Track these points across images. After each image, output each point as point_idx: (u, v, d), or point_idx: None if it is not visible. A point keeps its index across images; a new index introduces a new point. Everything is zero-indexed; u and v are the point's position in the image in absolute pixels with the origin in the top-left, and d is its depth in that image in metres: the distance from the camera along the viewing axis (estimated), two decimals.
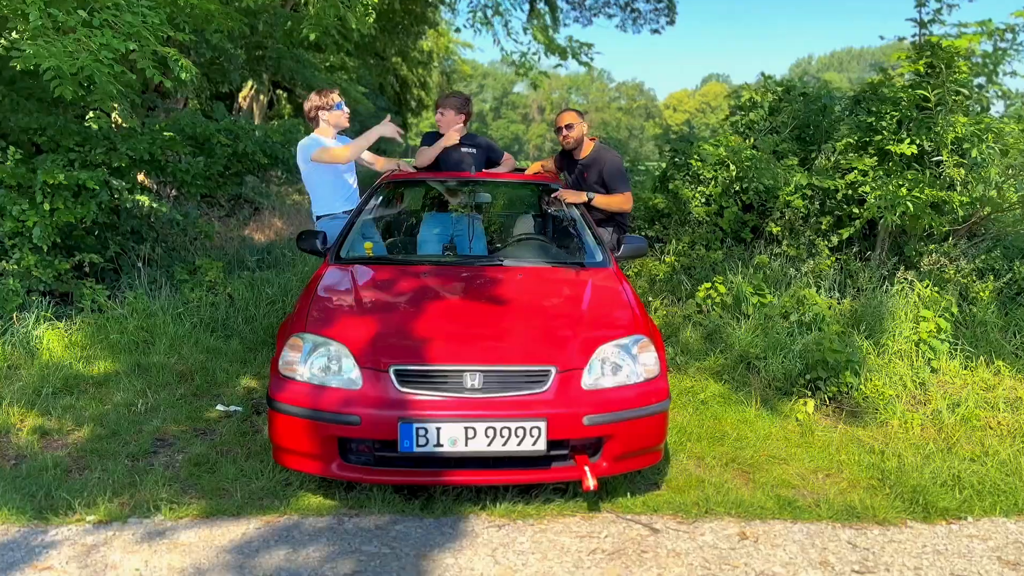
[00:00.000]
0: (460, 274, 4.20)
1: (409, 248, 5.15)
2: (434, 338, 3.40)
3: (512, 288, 3.99)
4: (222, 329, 6.33)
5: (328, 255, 4.45)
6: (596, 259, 4.53)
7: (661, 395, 3.45)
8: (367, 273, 4.22)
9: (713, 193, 7.52)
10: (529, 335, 3.48)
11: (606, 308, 3.88)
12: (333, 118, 5.35)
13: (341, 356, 3.38)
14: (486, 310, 3.68)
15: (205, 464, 3.96)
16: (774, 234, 7.24)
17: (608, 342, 3.49)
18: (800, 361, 5.42)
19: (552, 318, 3.68)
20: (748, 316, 6.32)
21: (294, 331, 3.55)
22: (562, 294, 4.01)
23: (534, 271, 4.29)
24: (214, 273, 7.31)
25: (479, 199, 5.50)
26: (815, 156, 7.80)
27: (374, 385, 3.27)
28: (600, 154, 5.43)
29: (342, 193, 5.32)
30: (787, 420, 4.86)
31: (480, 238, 5.15)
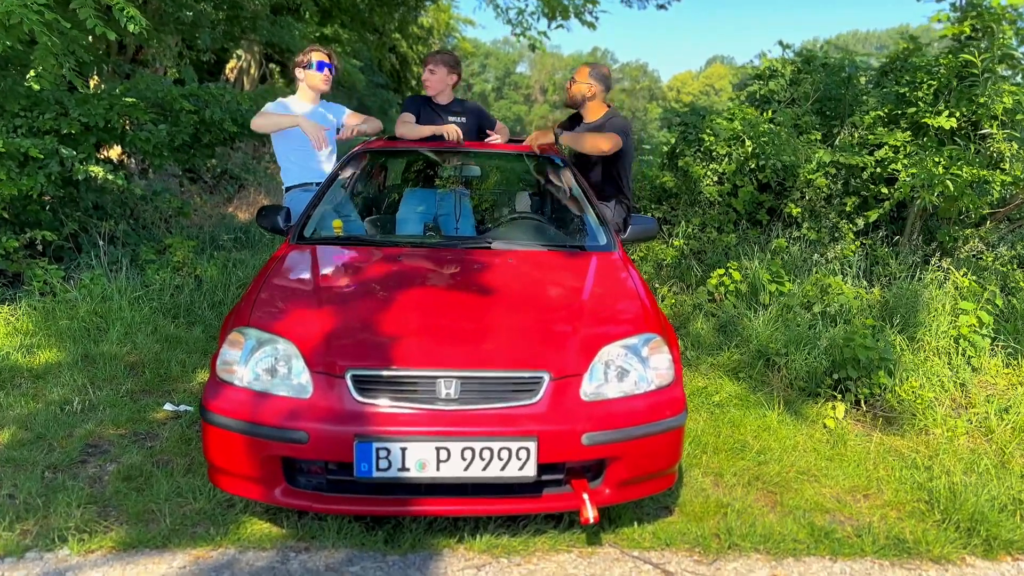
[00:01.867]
0: (442, 258, 3.59)
1: (386, 227, 4.53)
2: (403, 336, 2.79)
3: (501, 275, 3.37)
4: (185, 315, 5.74)
5: (289, 234, 3.84)
6: (599, 242, 3.91)
7: (676, 407, 2.85)
8: (332, 256, 3.61)
9: (726, 171, 6.89)
10: (518, 333, 2.87)
11: (611, 300, 3.27)
12: (309, 79, 4.74)
13: (290, 357, 2.79)
14: (468, 302, 3.07)
15: (137, 478, 3.37)
16: (793, 216, 6.62)
17: (613, 342, 2.89)
18: (826, 358, 4.83)
19: (546, 312, 3.07)
20: (765, 306, 5.72)
21: (236, 324, 2.95)
22: (559, 283, 3.40)
23: (527, 255, 3.67)
24: (183, 253, 6.72)
25: (467, 172, 4.86)
26: (837, 131, 7.17)
27: (326, 393, 2.67)
28: (608, 120, 4.79)
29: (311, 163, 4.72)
30: (814, 426, 4.27)
31: (468, 217, 4.54)
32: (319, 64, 4.71)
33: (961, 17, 5.82)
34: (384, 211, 4.78)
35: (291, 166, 4.77)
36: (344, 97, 23.87)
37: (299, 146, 4.67)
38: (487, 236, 3.95)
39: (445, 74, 4.83)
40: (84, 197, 6.60)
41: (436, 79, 4.85)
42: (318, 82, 4.77)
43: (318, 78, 4.76)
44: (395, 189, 4.96)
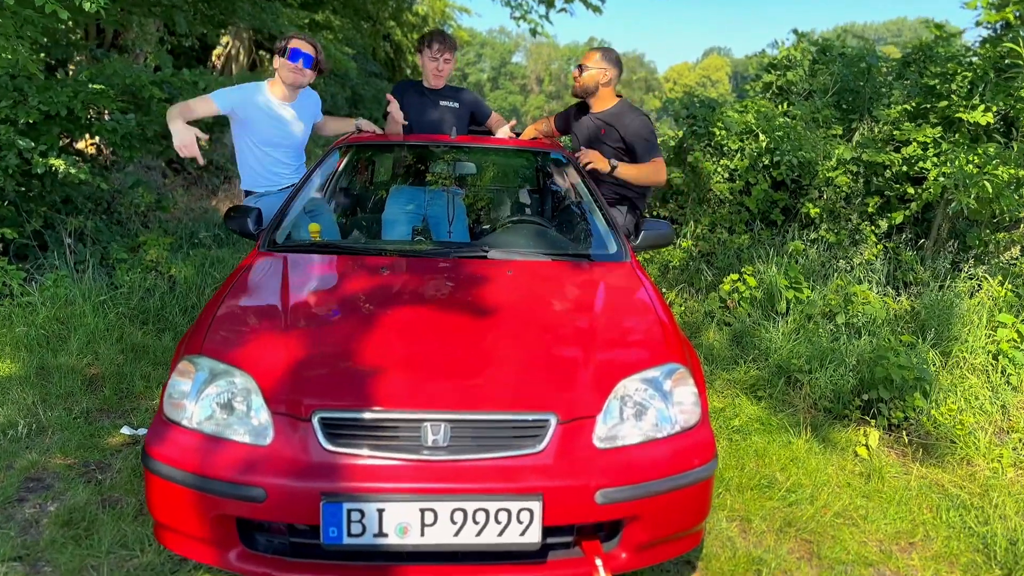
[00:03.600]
0: (431, 271, 3.12)
1: (371, 230, 4.07)
2: (383, 369, 2.35)
3: (499, 291, 2.91)
4: (155, 321, 5.29)
5: (259, 239, 3.39)
6: (609, 250, 3.46)
7: (705, 453, 2.41)
8: (306, 267, 3.14)
9: (738, 167, 6.45)
10: (519, 365, 2.42)
11: (625, 320, 2.82)
12: (282, 69, 4.14)
13: (248, 393, 2.34)
14: (460, 326, 2.62)
15: (79, 523, 2.92)
16: (811, 217, 6.18)
17: (631, 374, 2.45)
18: (853, 375, 4.41)
19: (552, 338, 2.62)
20: (782, 315, 5.29)
21: (187, 351, 2.51)
22: (566, 300, 2.94)
23: (528, 266, 3.22)
24: (157, 251, 6.27)
25: (461, 170, 4.39)
26: (856, 125, 6.73)
27: (289, 440, 2.22)
28: (625, 111, 4.28)
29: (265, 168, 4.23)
30: (844, 455, 3.85)
31: (461, 219, 4.08)
32: (293, 53, 4.06)
33: (1002, 3, 5.36)
34: (368, 212, 4.32)
35: (246, 167, 4.27)
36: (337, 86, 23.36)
37: (264, 137, 4.14)
38: (483, 243, 3.49)
39: (451, 67, 4.36)
40: (50, 191, 6.13)
41: (446, 74, 4.38)
42: (286, 73, 4.10)
43: (286, 68, 4.09)
44: (380, 187, 4.49)
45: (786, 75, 6.70)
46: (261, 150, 4.19)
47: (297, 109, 4.25)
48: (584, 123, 4.34)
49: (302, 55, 4.10)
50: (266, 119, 4.14)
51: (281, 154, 4.23)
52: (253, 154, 4.20)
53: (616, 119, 4.20)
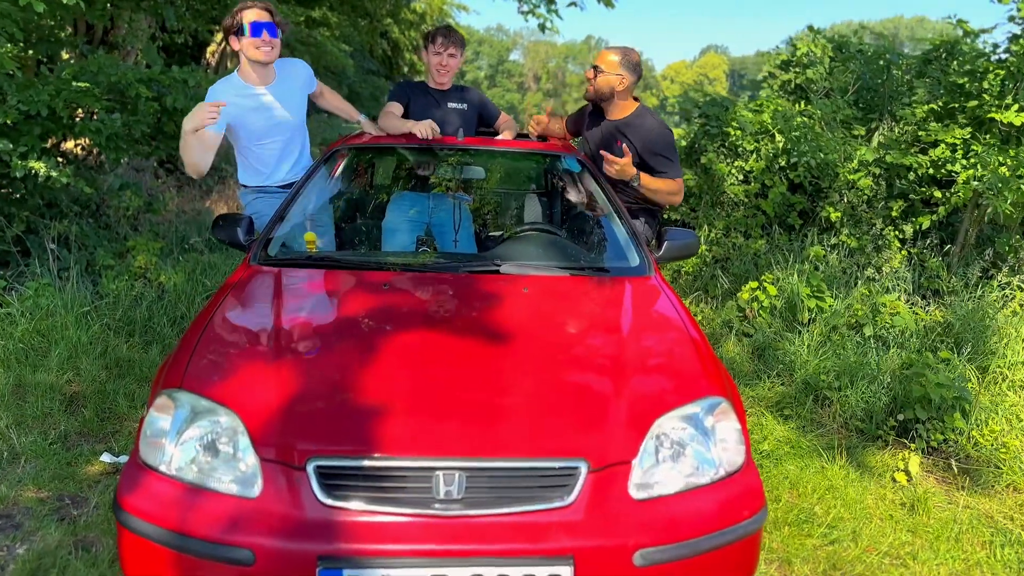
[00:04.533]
0: (438, 288, 2.83)
1: (371, 239, 3.78)
2: (387, 408, 2.05)
3: (515, 313, 2.62)
4: (141, 333, 4.99)
5: (250, 252, 3.09)
6: (631, 263, 3.16)
7: (753, 502, 2.12)
8: (301, 285, 2.85)
9: (754, 169, 6.17)
10: (543, 402, 2.13)
11: (658, 347, 2.53)
12: (246, 50, 3.51)
13: (234, 435, 2.05)
14: (474, 355, 2.32)
15: (48, 571, 2.63)
16: (831, 221, 5.89)
17: (669, 411, 2.16)
18: (885, 393, 4.13)
19: (578, 368, 2.33)
20: (805, 325, 5.02)
21: (166, 383, 2.22)
22: (590, 323, 2.65)
23: (545, 282, 2.92)
24: (145, 257, 5.97)
25: (468, 174, 4.09)
26: (875, 125, 6.45)
27: (280, 491, 1.94)
28: (643, 119, 3.92)
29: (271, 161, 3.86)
30: (882, 481, 3.57)
31: (468, 228, 3.79)
32: (254, 27, 3.42)
33: None
34: (368, 219, 4.02)
35: (245, 164, 3.87)
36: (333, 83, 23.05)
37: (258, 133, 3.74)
38: (494, 255, 3.20)
39: (458, 63, 4.03)
40: (33, 194, 5.83)
41: (452, 70, 4.02)
42: (252, 51, 3.49)
43: (251, 46, 3.47)
44: (381, 192, 4.18)
45: (806, 73, 6.41)
46: (260, 145, 3.74)
47: (281, 86, 3.75)
48: (598, 130, 4.01)
49: (264, 26, 3.48)
50: (250, 112, 3.67)
51: (282, 142, 3.80)
52: (253, 153, 3.78)
53: (634, 130, 3.86)
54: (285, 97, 3.77)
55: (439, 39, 3.93)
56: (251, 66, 3.62)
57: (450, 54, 3.95)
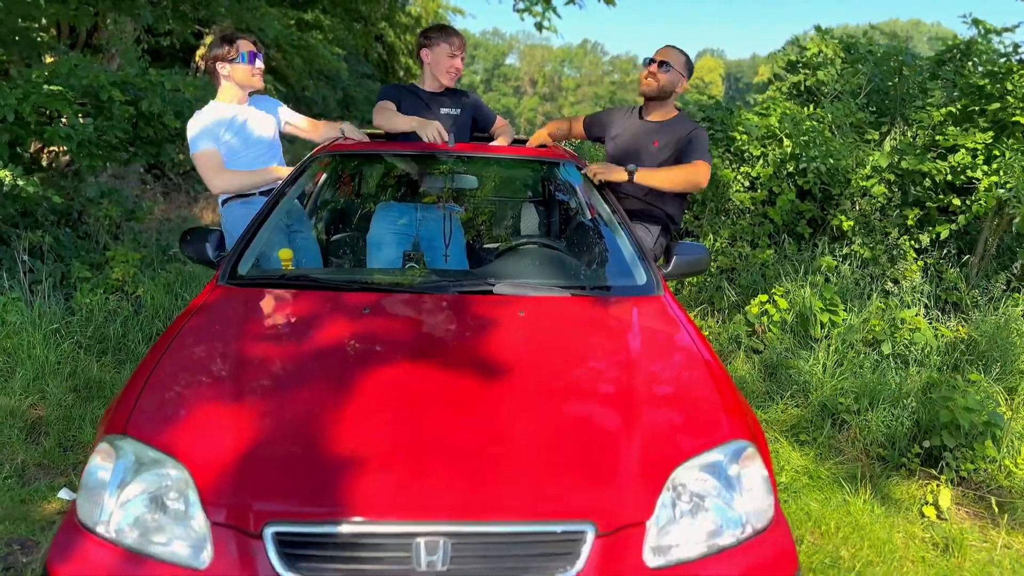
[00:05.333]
0: (424, 311, 2.54)
1: (354, 254, 3.49)
2: (361, 461, 1.77)
3: (509, 341, 2.33)
4: (114, 351, 4.71)
5: (218, 270, 2.80)
6: (637, 280, 2.87)
7: (787, 566, 1.84)
8: (271, 309, 2.55)
9: (761, 175, 5.89)
10: (542, 452, 1.84)
11: (672, 381, 2.24)
12: (237, 74, 3.65)
13: (184, 491, 1.76)
14: (463, 394, 2.03)
15: None
16: (843, 230, 5.62)
17: (687, 460, 1.88)
18: (909, 417, 3.85)
19: (582, 409, 2.04)
20: (818, 341, 4.74)
21: (109, 428, 1.93)
22: (594, 353, 2.36)
23: (543, 304, 2.62)
24: (123, 269, 5.68)
25: (461, 183, 3.79)
26: (887, 129, 6.18)
27: (232, 562, 1.64)
28: (685, 123, 3.71)
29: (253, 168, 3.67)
30: (910, 515, 3.29)
31: (459, 243, 3.50)
32: (250, 56, 3.63)
33: None
34: (351, 232, 3.73)
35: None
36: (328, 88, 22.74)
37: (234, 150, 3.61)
38: (486, 273, 2.91)
39: (447, 55, 3.74)
40: (4, 204, 5.53)
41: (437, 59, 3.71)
42: (247, 78, 3.67)
43: (246, 72, 3.66)
44: (365, 203, 3.88)
45: (816, 74, 6.13)
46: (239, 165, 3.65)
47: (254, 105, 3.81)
48: (629, 130, 3.76)
49: (256, 55, 3.68)
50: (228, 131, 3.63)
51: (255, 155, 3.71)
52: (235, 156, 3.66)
53: (672, 129, 3.64)
54: (258, 116, 3.80)
55: (455, 39, 3.66)
56: (234, 91, 3.71)
57: (462, 57, 3.70)
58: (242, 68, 3.63)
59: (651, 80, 3.67)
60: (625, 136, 3.79)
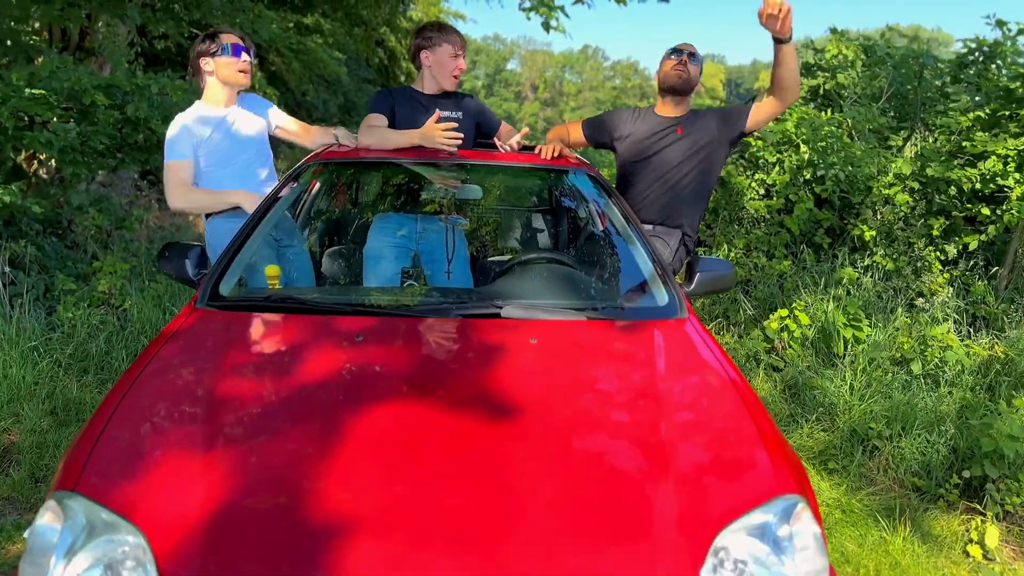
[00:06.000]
0: (425, 339, 2.28)
1: (348, 269, 3.23)
2: (348, 526, 1.50)
3: (521, 376, 2.05)
4: (97, 370, 4.45)
5: (198, 290, 2.54)
6: (658, 301, 2.60)
7: None
8: (253, 338, 2.28)
9: (777, 182, 5.64)
10: (563, 517, 1.57)
11: (707, 424, 1.97)
12: (222, 70, 3.32)
13: (141, 560, 1.50)
14: (469, 443, 1.76)
15: None
16: (864, 240, 5.36)
17: (731, 522, 1.61)
18: (945, 444, 3.59)
19: (607, 462, 1.77)
20: (841, 357, 4.48)
21: (59, 483, 1.66)
22: (616, 389, 2.09)
23: (556, 330, 2.34)
24: (109, 281, 5.43)
25: (464, 194, 3.52)
26: (906, 135, 5.92)
27: None
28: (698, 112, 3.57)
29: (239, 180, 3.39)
30: (952, 554, 3.03)
31: (462, 258, 3.23)
32: (235, 48, 3.29)
33: None
34: (345, 246, 3.47)
35: (211, 184, 3.42)
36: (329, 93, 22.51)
37: (218, 158, 3.34)
38: (493, 293, 2.65)
39: (449, 55, 3.45)
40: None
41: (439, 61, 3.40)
42: (232, 73, 3.32)
43: (232, 67, 3.31)
44: (362, 214, 3.61)
45: (836, 78, 5.87)
46: (223, 167, 3.37)
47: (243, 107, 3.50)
48: (647, 124, 3.53)
49: (243, 48, 3.35)
50: (214, 134, 3.34)
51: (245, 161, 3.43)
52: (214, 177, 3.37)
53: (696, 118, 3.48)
54: (247, 118, 3.49)
55: (457, 38, 3.38)
56: (220, 90, 3.41)
57: (465, 56, 3.43)
58: (225, 62, 3.30)
59: (681, 70, 3.46)
60: (639, 134, 3.54)
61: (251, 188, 3.35)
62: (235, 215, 3.24)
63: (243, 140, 3.40)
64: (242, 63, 3.33)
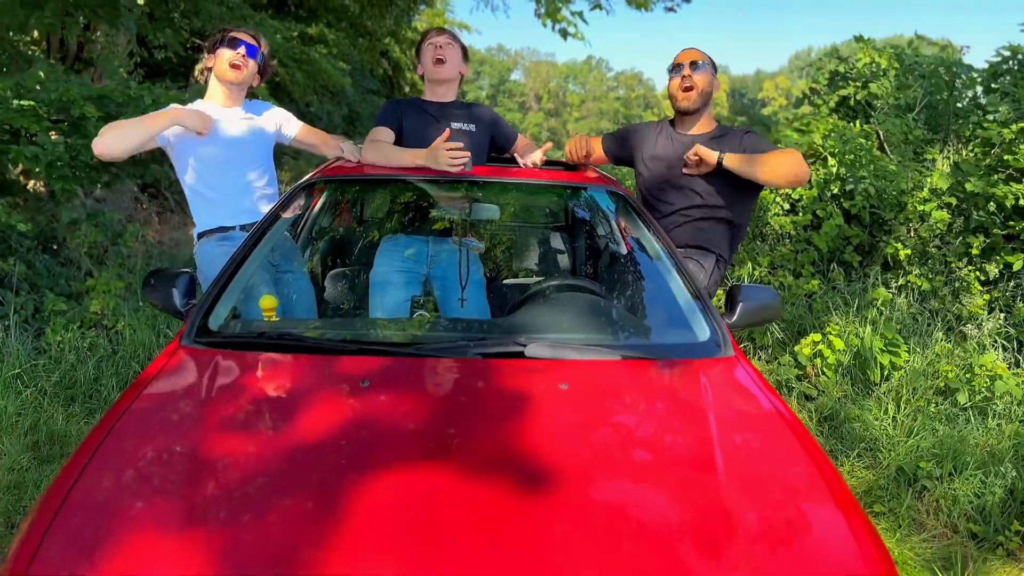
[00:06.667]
0: (439, 385, 1.99)
1: (353, 298, 2.95)
2: None
3: (551, 430, 1.76)
4: (85, 399, 4.18)
5: (184, 324, 2.26)
6: (699, 336, 2.31)
7: None
8: (243, 383, 1.99)
9: (803, 197, 5.36)
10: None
11: (773, 491, 1.67)
12: (218, 63, 3.07)
13: None
14: (491, 513, 1.48)
15: None
16: (897, 259, 5.07)
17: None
18: (1001, 484, 3.29)
19: (661, 541, 1.48)
20: (877, 385, 4.19)
21: (10, 568, 1.38)
22: (665, 450, 1.79)
23: (590, 372, 2.05)
24: (102, 301, 5.18)
25: (479, 214, 3.23)
26: (940, 147, 5.65)
27: None
28: (731, 131, 3.16)
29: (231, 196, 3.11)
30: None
31: (478, 282, 2.95)
32: (232, 40, 3.04)
33: None
34: (351, 270, 3.19)
35: (199, 201, 3.16)
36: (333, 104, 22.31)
37: (210, 166, 3.06)
38: (513, 327, 2.37)
39: (459, 59, 3.21)
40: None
41: (451, 61, 3.16)
42: (224, 66, 3.04)
43: (224, 60, 3.03)
44: (367, 235, 3.33)
45: (868, 88, 5.59)
46: (216, 175, 3.08)
47: (246, 112, 3.21)
48: (671, 146, 3.20)
49: (243, 43, 3.08)
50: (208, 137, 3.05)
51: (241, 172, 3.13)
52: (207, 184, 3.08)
53: (726, 144, 3.10)
54: (248, 125, 3.19)
55: (435, 36, 3.14)
56: (218, 86, 3.14)
57: (446, 41, 3.14)
58: (221, 55, 3.04)
59: (690, 90, 3.13)
60: (662, 154, 3.24)
61: (246, 198, 3.08)
62: (227, 238, 2.97)
63: (238, 145, 3.11)
64: (235, 56, 3.05)
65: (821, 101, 5.77)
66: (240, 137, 3.11)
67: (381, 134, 3.02)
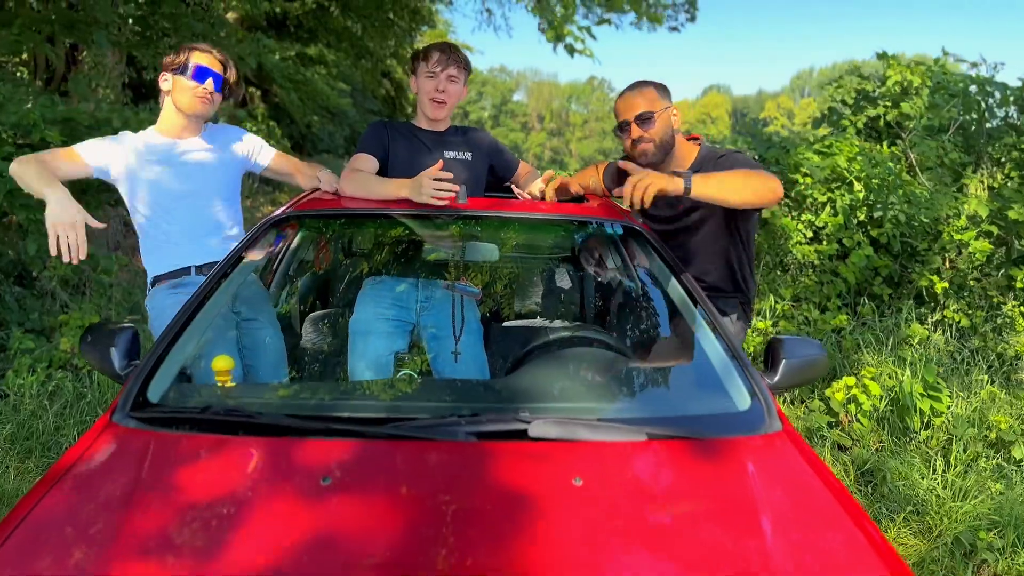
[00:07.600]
0: (419, 478, 1.58)
1: (327, 358, 2.55)
2: None
3: (563, 549, 1.37)
4: (43, 451, 3.79)
5: (119, 395, 1.86)
6: (738, 405, 1.91)
7: None
8: (178, 474, 1.58)
9: (828, 224, 4.97)
10: None
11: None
12: (179, 93, 2.68)
13: None
14: None
15: None
16: (934, 292, 4.67)
17: None
18: None
19: None
20: (916, 432, 3.79)
21: None
22: (710, 568, 1.40)
23: (608, 459, 1.65)
24: (74, 337, 4.81)
25: (476, 255, 2.83)
26: (973, 170, 5.27)
27: None
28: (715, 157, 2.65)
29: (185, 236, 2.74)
30: None
31: (475, 333, 2.55)
32: (199, 71, 2.64)
33: None
34: (328, 316, 2.80)
35: (149, 241, 2.77)
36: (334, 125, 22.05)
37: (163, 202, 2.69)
38: (515, 394, 1.97)
39: (461, 91, 2.82)
40: None
41: (451, 100, 2.79)
42: (189, 99, 2.67)
43: (190, 93, 2.66)
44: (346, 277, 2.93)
45: (900, 107, 5.21)
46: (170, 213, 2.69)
47: (206, 142, 2.80)
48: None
49: (210, 74, 2.67)
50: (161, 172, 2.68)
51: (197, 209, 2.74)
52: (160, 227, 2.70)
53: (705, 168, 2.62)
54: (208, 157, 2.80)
55: (434, 54, 2.74)
56: (175, 116, 2.74)
57: (450, 76, 2.74)
58: (185, 85, 2.65)
59: (644, 146, 2.61)
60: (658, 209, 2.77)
61: (203, 237, 2.70)
62: (181, 284, 2.59)
63: (195, 176, 2.73)
64: (203, 91, 2.67)
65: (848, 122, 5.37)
66: (198, 168, 2.72)
67: (363, 162, 2.64)
